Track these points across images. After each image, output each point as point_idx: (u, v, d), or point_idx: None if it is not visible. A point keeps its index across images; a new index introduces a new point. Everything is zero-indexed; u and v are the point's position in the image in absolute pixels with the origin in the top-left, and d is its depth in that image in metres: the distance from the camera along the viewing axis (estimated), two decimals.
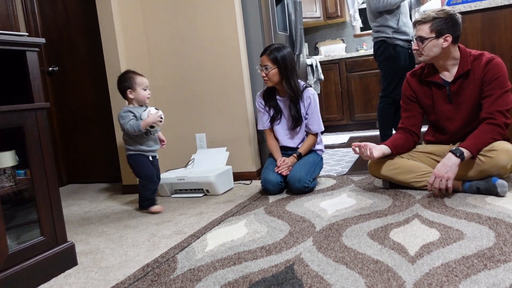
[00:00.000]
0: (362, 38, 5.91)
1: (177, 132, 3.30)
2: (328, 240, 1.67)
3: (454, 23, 2.11)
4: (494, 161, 1.99)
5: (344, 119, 5.42)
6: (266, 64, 2.55)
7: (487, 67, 2.10)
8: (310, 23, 5.81)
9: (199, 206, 2.53)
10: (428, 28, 2.13)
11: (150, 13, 3.26)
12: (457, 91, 2.19)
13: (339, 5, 5.72)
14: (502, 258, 1.34)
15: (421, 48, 2.16)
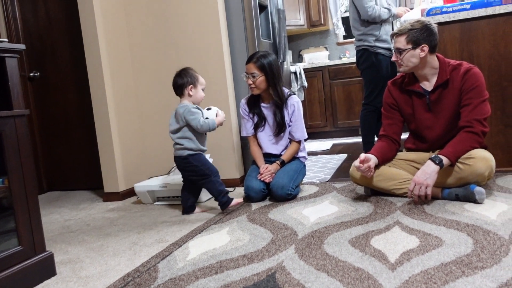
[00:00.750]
0: (345, 46, 5.97)
1: (160, 138, 3.28)
2: (310, 248, 1.68)
3: (430, 33, 2.15)
4: (472, 169, 2.03)
5: (327, 126, 5.46)
6: (252, 72, 2.56)
7: (466, 76, 2.14)
8: (294, 30, 5.86)
9: (181, 213, 2.51)
10: (405, 39, 2.17)
11: (134, 19, 3.25)
12: (437, 100, 2.23)
13: (322, 14, 5.78)
14: (479, 264, 1.36)
15: (400, 59, 2.20)
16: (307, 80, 5.23)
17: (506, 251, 1.44)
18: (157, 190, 2.80)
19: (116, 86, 3.14)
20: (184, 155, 2.41)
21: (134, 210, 2.75)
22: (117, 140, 3.11)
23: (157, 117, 3.27)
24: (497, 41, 2.58)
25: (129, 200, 3.07)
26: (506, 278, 1.25)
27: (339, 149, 4.48)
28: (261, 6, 3.33)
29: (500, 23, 2.57)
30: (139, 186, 2.84)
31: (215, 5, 3.01)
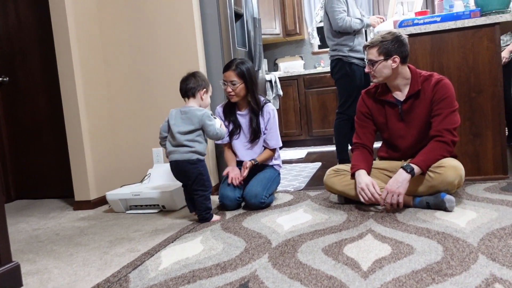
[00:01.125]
0: (320, 55, 6.05)
1: (133, 146, 3.24)
2: (284, 256, 1.68)
3: (400, 44, 2.19)
4: (442, 177, 2.07)
5: (302, 134, 5.50)
6: (232, 80, 2.55)
7: (436, 87, 2.20)
8: (269, 39, 5.89)
9: (154, 222, 2.48)
10: (376, 51, 2.21)
11: (107, 24, 3.20)
12: (409, 110, 2.27)
13: (298, 23, 5.84)
14: (449, 272, 1.39)
15: (373, 70, 2.24)
16: (282, 88, 5.26)
17: (474, 258, 1.47)
18: (130, 198, 2.75)
19: (88, 92, 3.08)
20: (193, 158, 2.31)
21: (106, 219, 2.69)
22: (88, 147, 3.05)
23: (131, 124, 3.23)
24: (466, 53, 2.65)
25: (100, 209, 3.01)
26: (475, 285, 1.27)
27: (314, 157, 4.51)
28: (237, 15, 3.34)
29: (468, 36, 2.64)
30: (111, 194, 2.79)
31: (190, 13, 3.00)
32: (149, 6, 3.09)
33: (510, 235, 1.66)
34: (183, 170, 2.33)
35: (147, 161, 3.20)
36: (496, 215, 1.92)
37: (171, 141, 2.35)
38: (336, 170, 2.40)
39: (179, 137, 2.30)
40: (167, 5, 3.05)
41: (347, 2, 3.31)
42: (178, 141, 2.31)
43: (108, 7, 3.19)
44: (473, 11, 2.64)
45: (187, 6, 3.00)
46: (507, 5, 2.66)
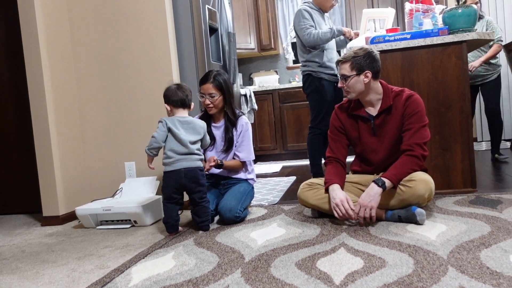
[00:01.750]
0: (294, 70, 6.11)
1: (105, 160, 3.18)
2: (257, 271, 1.66)
3: (372, 59, 2.24)
4: (413, 191, 2.10)
5: (277, 148, 5.52)
6: (211, 92, 2.54)
7: (407, 102, 2.24)
8: (244, 54, 5.93)
9: (125, 238, 2.42)
10: (349, 66, 2.25)
11: (79, 37, 3.16)
12: (381, 124, 2.31)
13: (273, 38, 5.91)
14: (420, 284, 1.39)
15: (345, 85, 2.28)
16: (257, 103, 5.28)
17: (444, 271, 1.48)
18: (100, 213, 2.69)
19: (58, 105, 3.02)
20: (202, 166, 2.39)
21: (75, 234, 2.62)
22: (58, 161, 2.97)
23: (102, 137, 3.17)
24: (435, 69, 2.73)
25: (69, 224, 2.92)
26: None
27: (289, 171, 4.52)
28: (212, 29, 3.35)
29: (437, 53, 2.72)
30: (80, 209, 2.72)
31: (164, 27, 2.99)
32: (123, 20, 3.07)
33: (479, 247, 1.69)
34: (192, 177, 2.32)
35: (119, 175, 3.14)
36: (465, 228, 1.95)
37: (176, 150, 2.32)
38: (310, 184, 2.41)
39: (190, 147, 2.33)
40: (141, 19, 3.03)
41: (313, 19, 3.36)
42: (190, 149, 2.32)
43: (80, 20, 3.15)
44: (441, 29, 2.72)
45: (161, 20, 2.99)
46: (473, 24, 2.75)
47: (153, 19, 3.01)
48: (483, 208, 2.26)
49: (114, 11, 3.08)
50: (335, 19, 5.75)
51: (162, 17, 2.99)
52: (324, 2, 3.46)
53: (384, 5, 5.41)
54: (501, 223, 1.98)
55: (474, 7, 2.74)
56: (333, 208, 2.18)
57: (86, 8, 3.13)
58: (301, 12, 3.37)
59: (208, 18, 3.24)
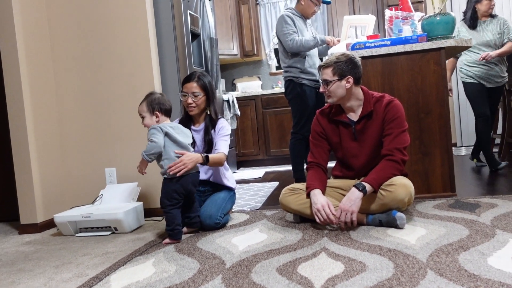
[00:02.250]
0: (277, 76, 6.14)
1: (85, 166, 3.13)
2: (237, 277, 1.65)
3: (354, 65, 2.26)
4: (393, 195, 2.12)
5: (260, 154, 5.52)
6: (194, 91, 2.51)
7: (387, 108, 2.27)
8: (227, 60, 5.93)
9: (105, 245, 2.38)
10: (331, 71, 2.27)
11: (59, 42, 3.12)
12: (362, 130, 2.33)
13: (255, 44, 5.93)
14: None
15: (327, 90, 2.29)
16: (240, 108, 5.28)
17: (423, 274, 1.50)
18: (80, 220, 2.64)
19: (36, 111, 2.97)
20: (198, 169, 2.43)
21: (53, 242, 2.57)
22: (36, 167, 2.92)
23: (82, 143, 3.12)
24: (414, 75, 2.77)
25: (48, 232, 2.87)
26: None
27: (271, 177, 4.52)
28: (194, 34, 3.35)
29: (416, 59, 2.76)
30: (59, 217, 2.66)
31: (146, 33, 2.97)
32: (103, 24, 3.04)
33: (457, 250, 1.71)
34: (195, 181, 2.38)
35: (99, 182, 3.10)
36: (444, 231, 1.97)
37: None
38: (292, 189, 2.41)
39: (191, 149, 2.39)
40: (122, 24, 3.01)
41: (295, 25, 3.39)
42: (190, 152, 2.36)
43: (60, 24, 3.11)
44: (420, 36, 2.76)
45: (142, 25, 2.97)
46: (451, 31, 2.80)
47: (134, 24, 2.99)
48: (461, 212, 2.29)
49: (94, 15, 3.05)
50: (317, 25, 5.80)
51: (144, 22, 2.97)
52: (306, 9, 3.49)
53: (365, 12, 5.48)
54: (479, 226, 2.01)
55: (452, 15, 2.79)
56: (315, 213, 2.19)
57: (65, 12, 3.09)
58: (284, 18, 3.39)
59: (190, 23, 3.23)
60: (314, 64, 3.46)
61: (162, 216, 2.97)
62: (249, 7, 5.88)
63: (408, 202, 2.17)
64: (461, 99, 5.63)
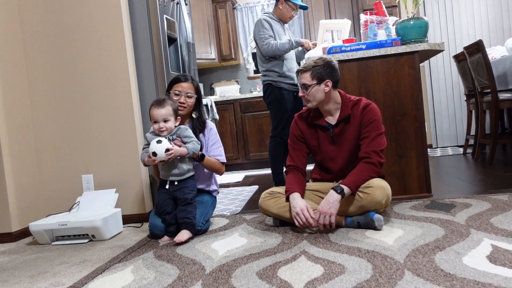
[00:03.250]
0: (255, 80, 6.16)
1: (61, 173, 3.07)
2: (217, 283, 1.64)
3: (332, 69, 2.29)
4: (371, 197, 2.15)
5: (239, 158, 5.52)
6: (188, 92, 2.55)
7: (364, 111, 2.30)
8: (205, 64, 5.92)
9: (83, 253, 2.34)
10: (310, 75, 2.29)
11: (32, 46, 3.06)
12: (339, 133, 2.36)
13: (233, 49, 5.93)
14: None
15: (306, 94, 2.31)
16: (218, 112, 5.27)
17: (401, 275, 1.52)
18: (56, 228, 2.59)
19: (10, 118, 2.90)
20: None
21: (29, 252, 2.51)
22: (10, 174, 2.85)
23: (57, 150, 3.07)
24: (389, 79, 2.81)
25: (23, 241, 2.80)
26: None
27: (251, 180, 4.52)
28: (170, 39, 3.33)
29: (391, 63, 2.81)
30: (34, 225, 2.60)
31: (121, 36, 2.94)
32: (78, 29, 3.00)
33: (433, 250, 1.74)
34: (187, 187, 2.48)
35: (75, 189, 3.05)
36: (421, 232, 2.01)
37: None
38: (271, 193, 2.41)
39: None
40: (98, 28, 2.97)
41: (273, 29, 3.41)
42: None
43: (34, 29, 3.05)
44: (394, 40, 2.81)
45: (118, 29, 2.94)
46: (424, 35, 2.86)
47: (110, 28, 2.95)
48: (437, 212, 2.34)
49: (68, 19, 3.00)
50: (294, 29, 5.85)
51: (119, 26, 2.94)
52: (284, 13, 3.52)
53: (341, 16, 5.55)
54: (455, 226, 2.05)
55: (425, 19, 2.85)
56: (294, 217, 2.20)
57: (39, 16, 3.03)
58: (261, 22, 3.41)
59: (167, 28, 3.22)
60: (292, 68, 3.49)
61: (141, 223, 2.94)
62: (226, 12, 5.89)
63: (386, 204, 2.20)
64: (436, 102, 5.75)
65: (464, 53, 4.24)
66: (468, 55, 4.14)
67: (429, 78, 5.76)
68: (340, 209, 2.15)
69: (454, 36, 5.68)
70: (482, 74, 3.93)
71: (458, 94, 5.73)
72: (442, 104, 5.76)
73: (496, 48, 4.56)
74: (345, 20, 3.54)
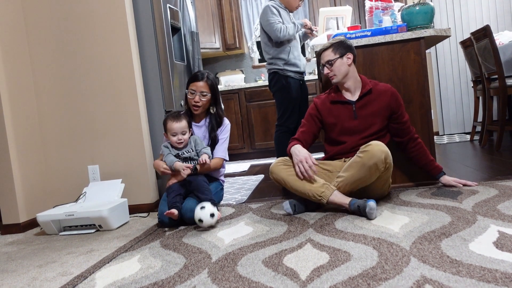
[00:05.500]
0: (260, 69, 6.13)
1: (67, 164, 3.09)
2: (224, 271, 1.65)
3: (349, 44, 2.50)
4: (369, 154, 2.20)
5: (245, 147, 5.51)
6: (203, 91, 2.61)
7: (394, 96, 2.48)
8: (210, 53, 5.90)
9: (90, 243, 2.36)
10: (331, 51, 2.47)
11: (36, 37, 3.06)
12: (362, 107, 2.48)
13: (237, 38, 5.90)
14: (383, 276, 1.42)
15: (332, 70, 2.46)
16: (223, 102, 5.26)
17: (407, 261, 1.52)
18: (63, 219, 2.61)
19: (16, 111, 2.91)
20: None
21: (37, 242, 2.53)
22: (17, 167, 2.87)
23: (63, 141, 3.08)
24: (395, 65, 2.79)
25: (31, 232, 2.83)
26: (407, 287, 1.31)
27: (257, 170, 4.53)
28: (174, 28, 3.31)
29: (397, 49, 2.78)
30: (42, 216, 2.63)
31: (125, 26, 2.93)
32: (82, 20, 2.99)
33: (440, 237, 1.73)
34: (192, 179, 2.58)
35: (82, 179, 3.06)
36: (427, 219, 2.00)
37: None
38: (285, 161, 2.45)
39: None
40: (101, 19, 2.96)
41: (280, 15, 3.38)
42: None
43: (37, 20, 3.04)
44: (400, 26, 2.78)
45: (121, 19, 2.93)
46: (430, 21, 2.83)
47: (113, 19, 2.94)
48: (444, 199, 2.33)
49: (72, 10, 2.99)
50: (299, 17, 5.79)
51: (122, 17, 2.93)
52: (291, 2, 3.48)
53: (345, 3, 5.49)
54: (461, 213, 2.04)
55: (431, 5, 2.81)
56: (296, 164, 2.31)
57: (42, 8, 3.03)
58: (270, 8, 3.37)
59: (170, 17, 3.20)
60: (298, 55, 3.46)
61: (147, 212, 2.95)
62: (230, 0, 5.85)
63: (385, 161, 2.21)
64: (442, 88, 5.70)
65: (471, 38, 4.18)
66: (475, 41, 4.08)
67: (436, 65, 5.70)
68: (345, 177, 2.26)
69: (461, 22, 5.61)
70: (489, 60, 3.88)
71: (465, 80, 5.67)
72: (449, 91, 5.70)
73: (503, 33, 4.49)
74: (346, 7, 3.50)
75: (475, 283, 1.29)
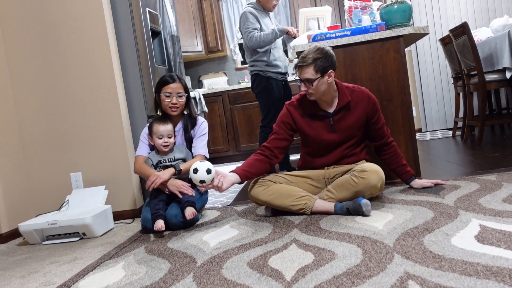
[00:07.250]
0: (243, 71, 6.13)
1: (49, 172, 3.04)
2: (209, 274, 1.64)
3: (332, 58, 2.29)
4: (366, 181, 2.16)
5: (230, 150, 5.50)
6: (179, 92, 2.58)
7: (371, 100, 2.39)
8: (192, 57, 5.88)
9: (74, 251, 2.33)
10: (313, 69, 2.25)
11: (13, 43, 3.01)
12: (339, 120, 2.37)
13: (219, 40, 5.89)
14: (367, 274, 1.43)
15: (310, 89, 2.28)
16: (207, 105, 5.24)
17: (390, 258, 1.53)
18: (46, 228, 2.57)
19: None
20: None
21: (19, 252, 2.49)
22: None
23: (44, 150, 3.04)
24: (375, 64, 2.81)
25: (14, 242, 2.78)
26: (390, 284, 1.32)
27: None
28: (154, 32, 3.29)
29: (377, 48, 2.80)
30: (24, 226, 2.58)
31: (104, 31, 2.90)
32: (60, 25, 2.95)
33: (422, 233, 1.75)
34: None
35: (64, 187, 3.02)
36: (410, 215, 2.02)
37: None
38: (260, 181, 2.41)
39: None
40: (80, 24, 2.93)
41: (259, 21, 3.38)
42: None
43: (13, 25, 3.00)
44: (379, 25, 2.80)
45: (100, 24, 2.90)
46: (408, 19, 2.86)
47: (91, 23, 2.91)
48: (427, 195, 2.35)
49: (49, 14, 2.95)
50: (280, 18, 5.81)
51: (101, 21, 2.90)
52: (266, 3, 3.49)
53: (326, 3, 5.53)
54: (443, 208, 2.06)
55: (409, 3, 2.84)
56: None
57: (19, 12, 2.98)
58: (246, 14, 3.38)
59: (150, 21, 3.18)
60: (280, 56, 3.47)
61: (132, 218, 2.92)
62: (211, 3, 5.84)
63: (380, 187, 2.21)
64: (424, 85, 5.77)
65: (450, 36, 4.24)
66: (454, 38, 4.14)
67: (417, 62, 5.77)
68: (335, 196, 2.19)
69: (439, 19, 5.68)
70: (468, 56, 3.94)
71: (445, 77, 5.75)
72: (430, 88, 5.77)
73: (481, 30, 4.57)
74: (325, 7, 3.52)
75: (457, 277, 1.30)
